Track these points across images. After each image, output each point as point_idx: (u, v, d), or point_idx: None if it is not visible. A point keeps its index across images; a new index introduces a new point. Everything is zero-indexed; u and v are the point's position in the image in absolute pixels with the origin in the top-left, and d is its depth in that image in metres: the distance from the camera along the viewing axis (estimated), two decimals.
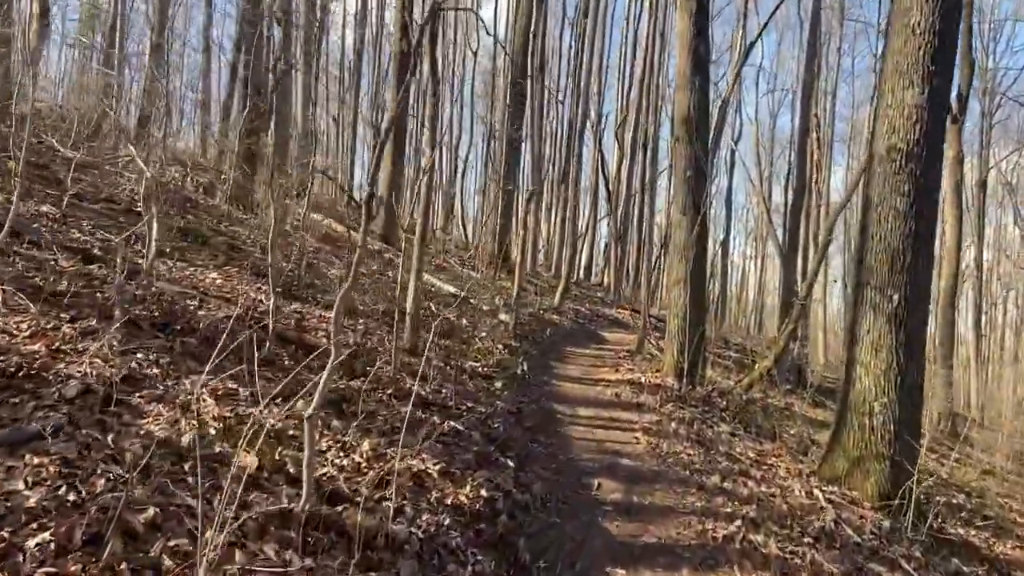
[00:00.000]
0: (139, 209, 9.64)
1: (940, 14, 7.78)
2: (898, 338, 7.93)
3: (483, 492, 4.81)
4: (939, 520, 7.89)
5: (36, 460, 3.10)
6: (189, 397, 4.30)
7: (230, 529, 2.85)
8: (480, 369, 8.19)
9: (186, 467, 3.58)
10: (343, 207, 22.60)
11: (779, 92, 37.44)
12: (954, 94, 19.95)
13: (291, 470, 4.00)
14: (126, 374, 4.41)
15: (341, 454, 4.43)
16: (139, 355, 4.84)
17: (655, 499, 6.38)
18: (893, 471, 7.91)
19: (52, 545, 2.60)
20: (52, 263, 5.94)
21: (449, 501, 4.49)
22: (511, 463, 5.76)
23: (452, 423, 5.80)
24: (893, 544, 7.11)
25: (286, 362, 5.75)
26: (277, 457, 3.97)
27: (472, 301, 13.40)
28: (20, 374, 3.92)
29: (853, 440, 8.15)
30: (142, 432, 3.78)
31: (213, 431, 4.11)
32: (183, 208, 10.94)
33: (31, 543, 2.58)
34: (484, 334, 10.69)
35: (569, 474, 6.60)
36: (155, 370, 4.70)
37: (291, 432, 4.49)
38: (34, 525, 2.71)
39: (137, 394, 4.30)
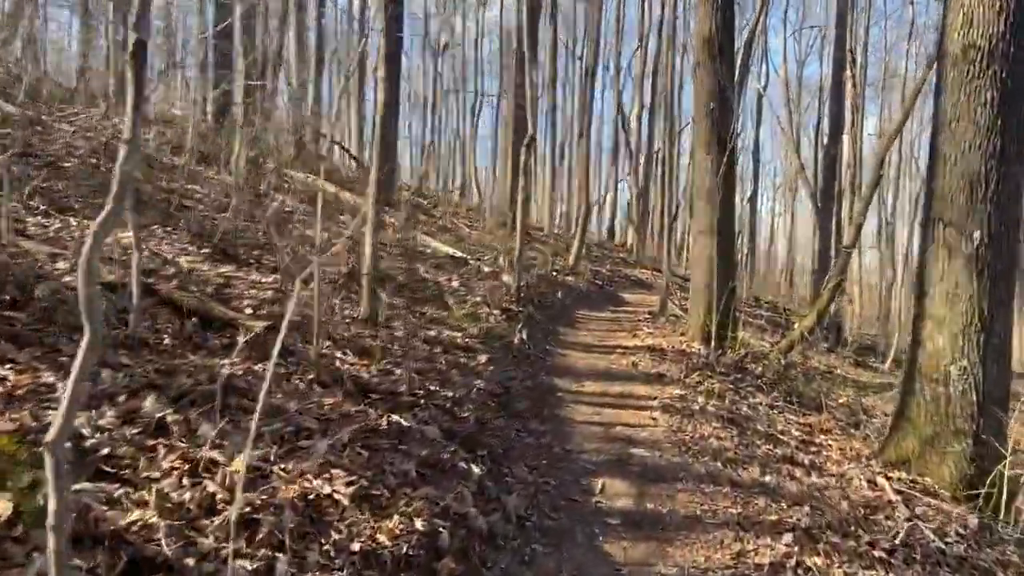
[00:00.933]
0: (67, 164, 8.14)
1: None
2: (980, 285, 6.21)
3: (418, 523, 3.24)
4: None
5: None
6: None
7: None
8: (460, 340, 6.62)
9: None
10: (344, 169, 21.01)
11: (807, 33, 34.70)
12: None
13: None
14: None
15: (186, 481, 2.87)
16: None
17: (676, 505, 4.78)
18: (977, 452, 6.25)
19: None
20: None
21: (358, 545, 2.93)
22: (478, 468, 4.18)
23: (396, 417, 4.22)
24: (984, 547, 5.48)
25: (166, 341, 4.21)
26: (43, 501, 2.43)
27: (473, 262, 11.81)
28: None
29: (924, 414, 6.48)
30: None
31: None
32: (154, 165, 9.46)
33: None
34: (479, 299, 9.12)
35: (564, 473, 5.03)
36: None
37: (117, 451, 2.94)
38: None
39: None
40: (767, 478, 5.63)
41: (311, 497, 3.12)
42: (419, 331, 6.31)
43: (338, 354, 4.93)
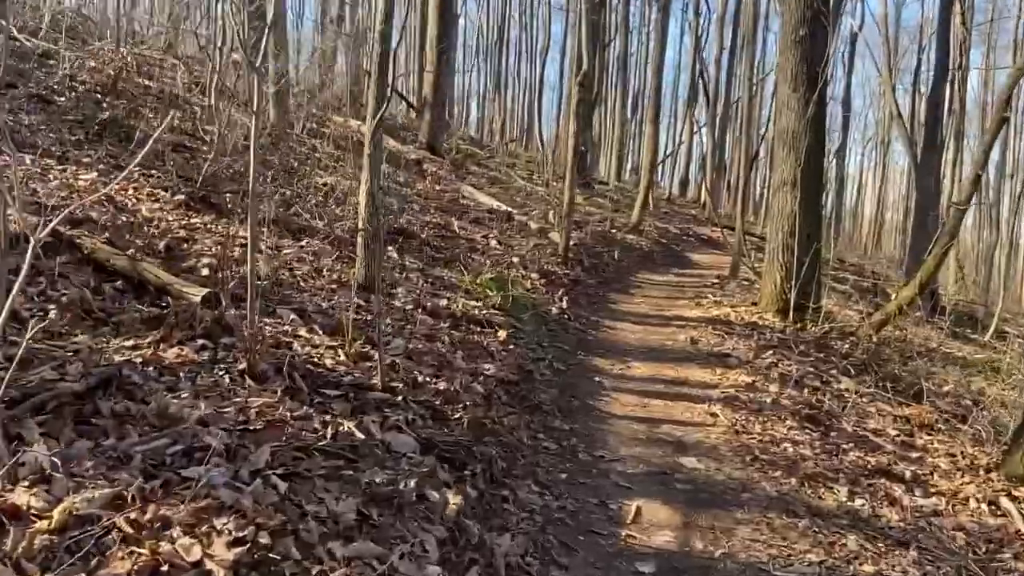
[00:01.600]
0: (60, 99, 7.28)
1: None
2: None
3: None
4: None
5: None
6: None
7: None
8: (478, 312, 5.47)
9: None
10: (403, 118, 19.91)
11: None
12: None
13: None
14: None
15: None
16: None
17: (734, 544, 3.57)
18: None
19: None
20: None
21: None
22: (458, 497, 3.05)
23: (349, 425, 3.12)
24: None
25: (51, 314, 3.19)
26: None
27: (519, 217, 10.61)
28: None
29: None
30: None
31: None
32: (167, 102, 8.55)
33: None
34: (516, 259, 7.95)
35: (587, 493, 3.87)
36: None
37: None
38: None
39: None
40: (858, 502, 4.34)
41: (163, 570, 2.06)
42: (426, 300, 5.20)
43: (302, 332, 3.87)
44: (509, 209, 10.91)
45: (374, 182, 4.98)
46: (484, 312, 5.51)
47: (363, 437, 3.06)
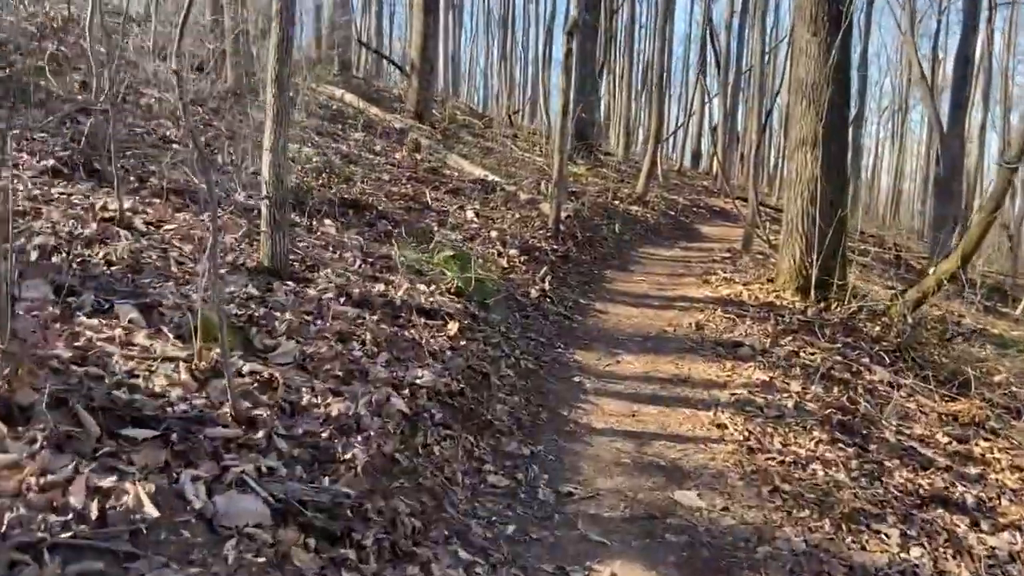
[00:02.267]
0: None
1: None
2: None
3: None
4: None
5: None
6: None
7: None
8: (426, 299, 4.28)
9: None
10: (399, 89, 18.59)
11: None
12: None
13: None
14: None
15: None
16: None
17: None
18: None
19: None
20: None
21: None
22: None
23: (140, 490, 1.96)
24: None
25: None
26: None
27: (509, 187, 9.38)
28: None
29: None
30: None
31: None
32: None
33: None
34: (493, 234, 6.76)
35: (538, 557, 2.72)
36: None
37: None
38: None
39: None
40: (914, 553, 3.16)
41: None
42: (356, 286, 4.04)
43: (139, 338, 2.72)
44: (496, 179, 9.68)
45: (280, 138, 3.80)
46: (434, 299, 4.34)
47: (156, 515, 1.90)
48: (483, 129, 16.44)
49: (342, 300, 3.87)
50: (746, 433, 3.99)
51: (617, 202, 12.01)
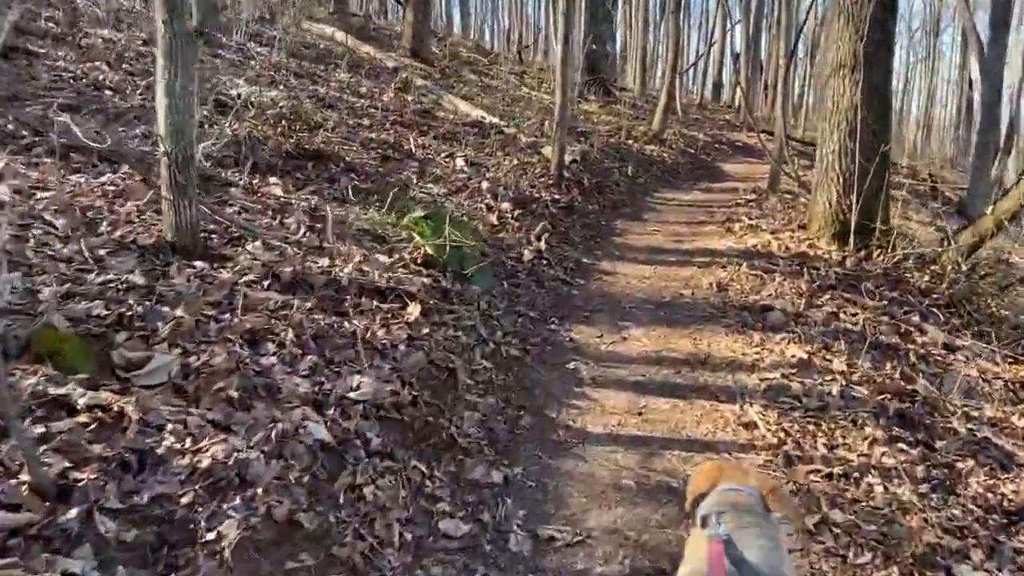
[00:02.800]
0: None
1: None
2: None
3: None
4: None
5: None
6: None
7: None
8: (380, 275, 3.41)
9: None
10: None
11: None
12: None
13: None
14: None
15: None
16: None
17: None
18: None
19: None
20: None
21: None
22: None
23: None
24: None
25: None
26: None
27: (509, 130, 8.39)
28: None
29: None
30: None
31: None
32: None
33: None
34: (483, 185, 5.83)
35: None
36: None
37: None
38: None
39: None
40: None
41: None
42: (290, 263, 3.18)
43: None
44: (495, 120, 8.68)
45: (178, 78, 2.90)
46: (393, 274, 3.48)
47: None
48: (488, 67, 15.27)
49: (267, 283, 3.02)
50: (782, 434, 3.13)
51: (631, 141, 10.94)
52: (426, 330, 3.24)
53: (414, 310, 3.32)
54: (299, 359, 2.63)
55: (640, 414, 3.27)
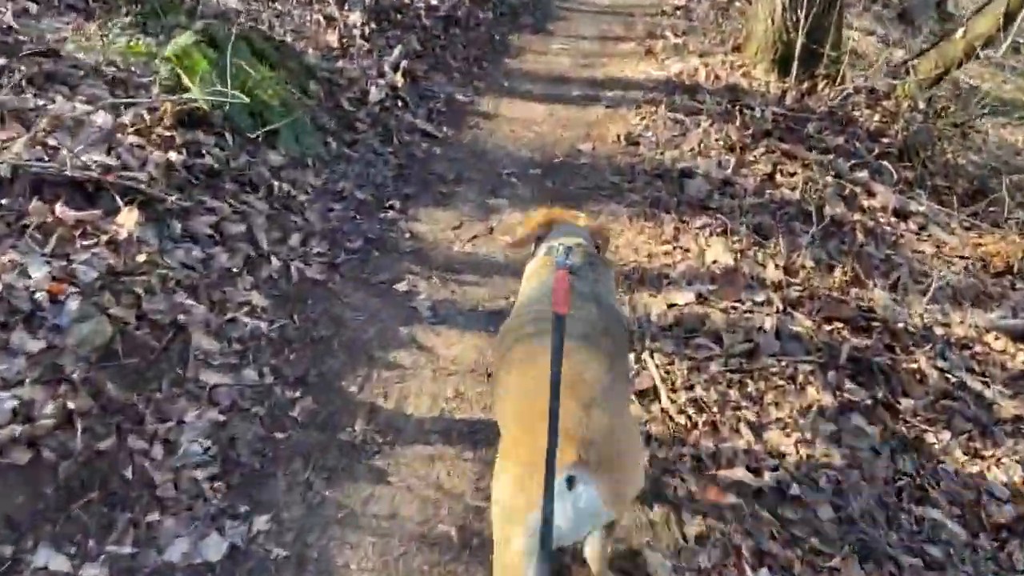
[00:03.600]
0: None
1: None
2: None
3: None
4: None
5: None
6: None
7: None
8: (74, 167, 2.02)
9: None
10: None
11: None
12: None
13: None
14: None
15: None
16: None
17: None
18: None
19: None
20: None
21: None
22: None
23: None
24: None
25: None
26: None
27: None
28: None
29: None
30: None
31: None
32: None
33: None
34: None
35: None
36: None
37: None
38: None
39: None
40: None
41: None
42: None
43: None
44: None
45: None
46: (119, 148, 2.06)
47: None
48: None
49: None
50: (692, 413, 2.09)
51: None
52: (143, 256, 1.94)
53: (127, 219, 1.98)
54: None
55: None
